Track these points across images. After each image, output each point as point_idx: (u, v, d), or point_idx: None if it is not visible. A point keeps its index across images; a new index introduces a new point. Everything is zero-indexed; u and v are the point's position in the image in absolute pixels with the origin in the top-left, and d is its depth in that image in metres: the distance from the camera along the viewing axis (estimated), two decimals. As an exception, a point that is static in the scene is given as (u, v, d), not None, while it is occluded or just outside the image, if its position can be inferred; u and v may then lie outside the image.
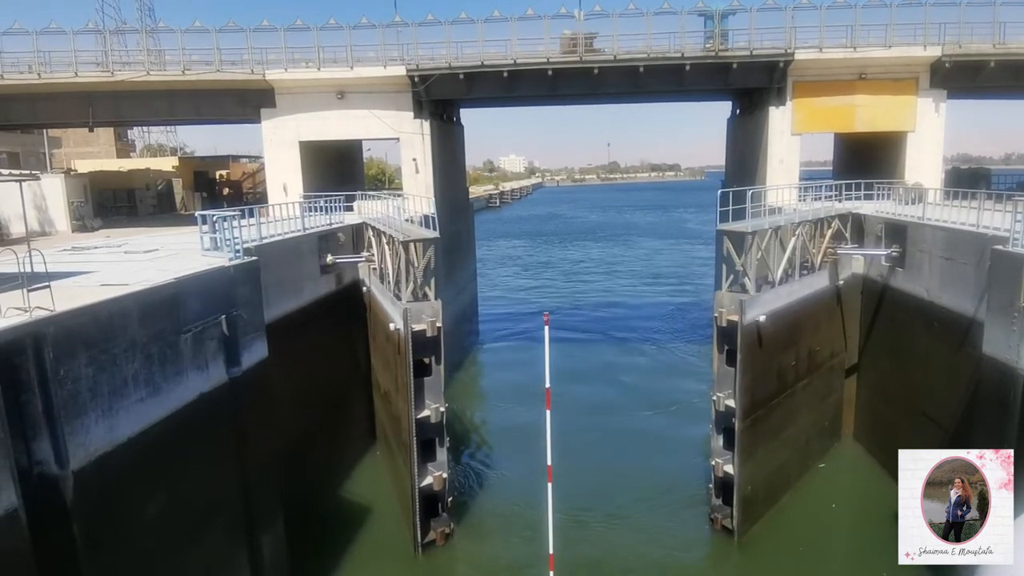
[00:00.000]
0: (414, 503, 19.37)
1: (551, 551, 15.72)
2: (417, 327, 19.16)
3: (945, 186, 29.28)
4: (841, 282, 25.21)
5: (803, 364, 23.23)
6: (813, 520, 21.51)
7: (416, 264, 20.44)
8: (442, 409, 19.72)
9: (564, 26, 32.17)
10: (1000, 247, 15.98)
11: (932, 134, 31.61)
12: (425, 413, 19.52)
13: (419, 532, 19.52)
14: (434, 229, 21.20)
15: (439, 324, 19.53)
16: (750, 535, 20.18)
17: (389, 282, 22.43)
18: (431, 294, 20.36)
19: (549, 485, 15.53)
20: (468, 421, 30.64)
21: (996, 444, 14.73)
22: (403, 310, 19.19)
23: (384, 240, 23.58)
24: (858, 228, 25.84)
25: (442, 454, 20.06)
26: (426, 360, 19.77)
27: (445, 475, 19.87)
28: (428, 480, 19.58)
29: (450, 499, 20.41)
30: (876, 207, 26.44)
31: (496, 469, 25.60)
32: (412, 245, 20.43)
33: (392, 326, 20.49)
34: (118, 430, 11.32)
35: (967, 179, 34.02)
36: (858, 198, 27.81)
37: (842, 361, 25.93)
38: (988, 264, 16.44)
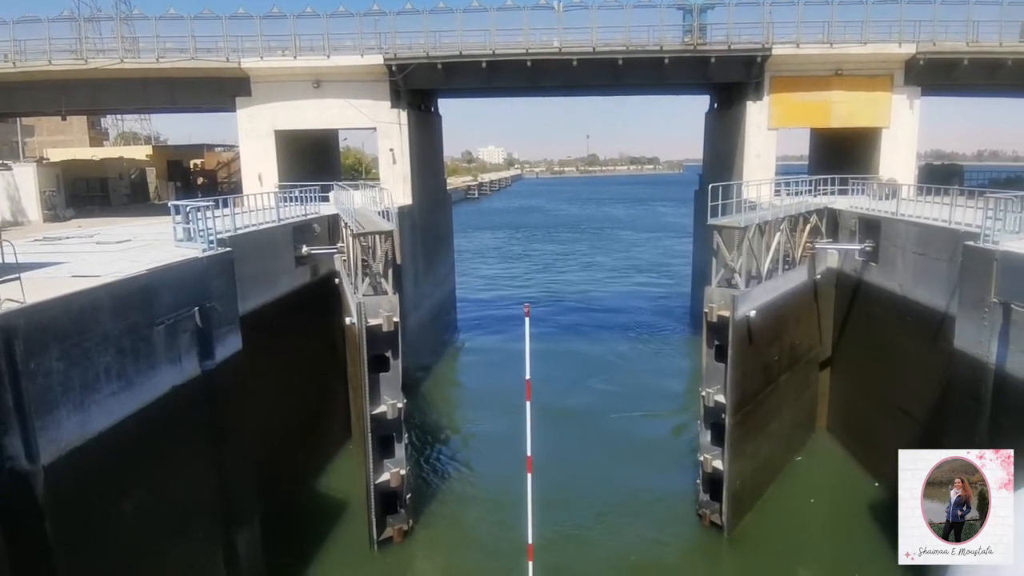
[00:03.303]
0: (369, 500, 19.18)
1: (530, 541, 15.69)
2: (373, 321, 18.85)
3: (918, 182, 29.67)
4: (818, 276, 25.46)
5: (785, 358, 23.39)
6: (795, 513, 21.66)
7: (374, 257, 20.19)
8: (400, 405, 19.38)
9: (543, 17, 32.18)
10: (972, 243, 16.19)
11: (906, 130, 32.01)
12: (381, 409, 19.19)
13: (375, 529, 19.33)
14: (391, 221, 20.91)
15: (396, 319, 19.11)
16: (739, 530, 20.20)
17: (352, 275, 22.26)
18: (389, 288, 20.07)
19: (529, 476, 15.52)
20: (444, 415, 30.54)
21: (968, 438, 15.03)
22: (357, 304, 18.95)
23: (348, 232, 23.39)
24: (833, 223, 26.08)
25: (400, 451, 19.76)
26: (384, 355, 19.44)
27: (403, 472, 19.56)
28: (385, 477, 19.31)
29: (408, 496, 20.12)
30: (851, 202, 26.71)
31: (469, 465, 25.40)
32: (369, 237, 20.17)
33: (348, 320, 20.17)
34: (90, 424, 11.14)
35: (940, 175, 34.51)
36: (833, 193, 28.08)
37: (817, 355, 26.20)
38: (960, 259, 16.65)
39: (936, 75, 31.24)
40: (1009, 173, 48.15)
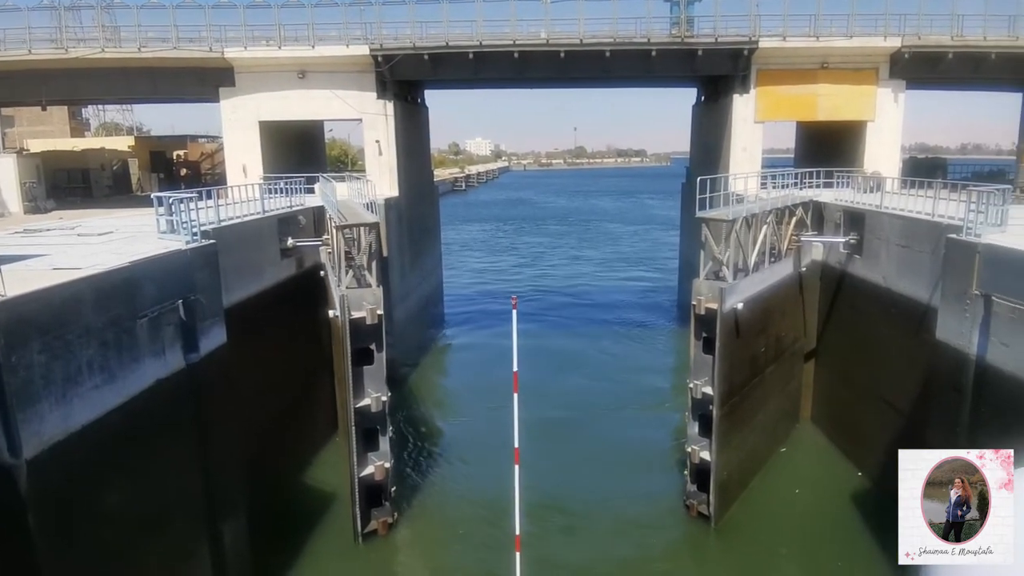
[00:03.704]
0: (353, 493, 19.18)
1: (517, 532, 15.71)
2: (356, 314, 18.78)
3: (903, 175, 29.89)
4: (803, 268, 25.60)
5: (771, 350, 23.53)
6: (781, 503, 21.83)
7: (358, 249, 20.08)
8: (384, 398, 19.35)
9: (531, 8, 32.42)
10: (954, 235, 16.31)
11: (891, 124, 32.22)
12: (365, 402, 19.15)
13: (359, 522, 19.33)
14: (376, 213, 20.80)
15: (380, 312, 19.07)
16: (725, 521, 20.34)
17: (336, 268, 22.17)
18: (373, 280, 20.01)
19: (516, 467, 15.52)
20: (431, 408, 30.48)
21: (950, 429, 15.19)
22: (340, 296, 18.87)
23: (332, 224, 23.25)
24: (818, 216, 26.22)
25: (384, 444, 19.73)
26: (368, 347, 19.37)
27: (387, 465, 19.55)
28: (369, 470, 19.30)
29: (393, 489, 20.13)
30: (835, 195, 26.83)
31: (456, 458, 25.34)
32: (353, 230, 20.06)
33: (332, 313, 20.06)
34: (73, 418, 11.02)
35: (924, 168, 34.76)
36: (818, 186, 28.21)
37: (802, 347, 26.37)
38: (943, 252, 16.78)
39: (921, 69, 31.43)
40: (992, 166, 48.50)
